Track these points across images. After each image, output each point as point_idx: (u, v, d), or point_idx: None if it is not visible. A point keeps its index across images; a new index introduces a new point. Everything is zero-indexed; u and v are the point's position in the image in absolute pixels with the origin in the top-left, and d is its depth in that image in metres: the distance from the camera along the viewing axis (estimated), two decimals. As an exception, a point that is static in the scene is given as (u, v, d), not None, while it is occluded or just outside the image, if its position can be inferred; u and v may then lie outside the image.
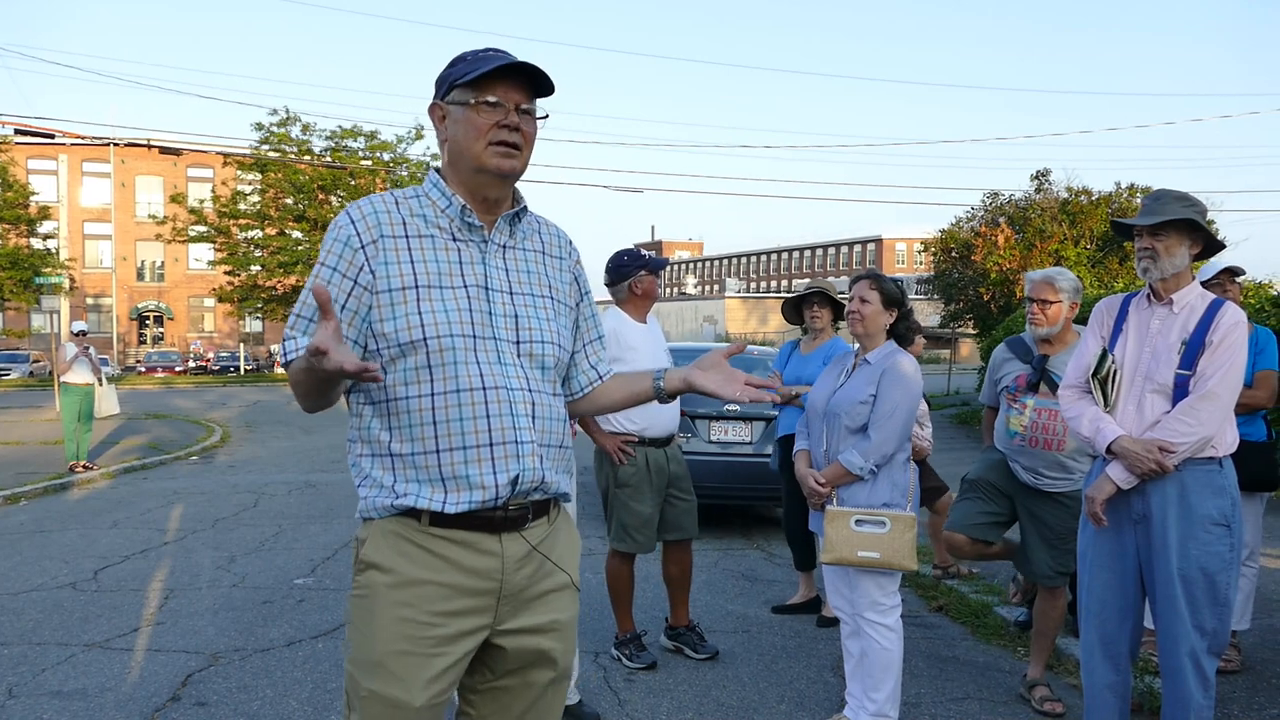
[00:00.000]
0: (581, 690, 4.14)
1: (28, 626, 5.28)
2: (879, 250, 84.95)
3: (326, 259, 1.98)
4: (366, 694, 1.94)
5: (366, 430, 2.01)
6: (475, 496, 1.95)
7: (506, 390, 1.99)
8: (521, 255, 2.13)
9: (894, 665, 3.72)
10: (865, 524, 3.65)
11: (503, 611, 2.02)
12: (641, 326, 4.59)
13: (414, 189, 2.10)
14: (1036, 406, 4.00)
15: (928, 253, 24.80)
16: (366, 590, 1.98)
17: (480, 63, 1.99)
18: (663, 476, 4.60)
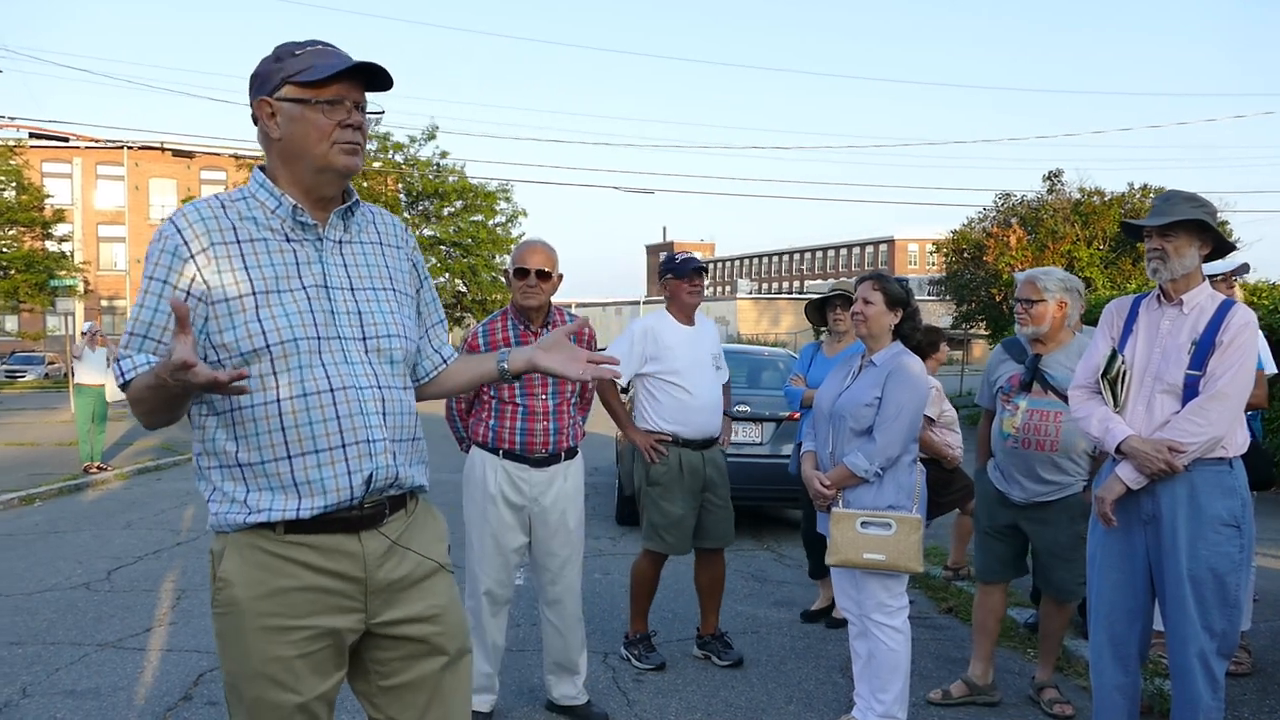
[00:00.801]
0: (590, 690, 4.15)
1: (42, 626, 5.32)
2: (891, 251, 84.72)
3: (155, 272, 1.92)
4: (252, 700, 1.96)
5: (212, 442, 1.97)
6: (330, 499, 1.95)
7: (355, 390, 1.98)
8: (359, 249, 2.10)
9: (901, 666, 3.72)
10: (871, 526, 3.65)
11: (374, 606, 2.03)
12: (684, 328, 4.57)
13: (239, 191, 2.05)
14: (1029, 407, 3.99)
15: (939, 253, 24.75)
16: (230, 607, 1.95)
17: (316, 59, 1.95)
18: (696, 479, 4.56)
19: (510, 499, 3.88)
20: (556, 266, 3.90)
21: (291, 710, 1.96)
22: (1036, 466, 3.98)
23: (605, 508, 8.92)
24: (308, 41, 2.00)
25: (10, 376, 38.59)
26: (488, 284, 43.26)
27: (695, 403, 4.52)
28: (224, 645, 1.98)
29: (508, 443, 3.87)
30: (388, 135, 41.87)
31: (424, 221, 44.13)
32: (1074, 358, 3.98)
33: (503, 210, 43.82)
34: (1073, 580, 4.04)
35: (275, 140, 1.99)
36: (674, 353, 4.50)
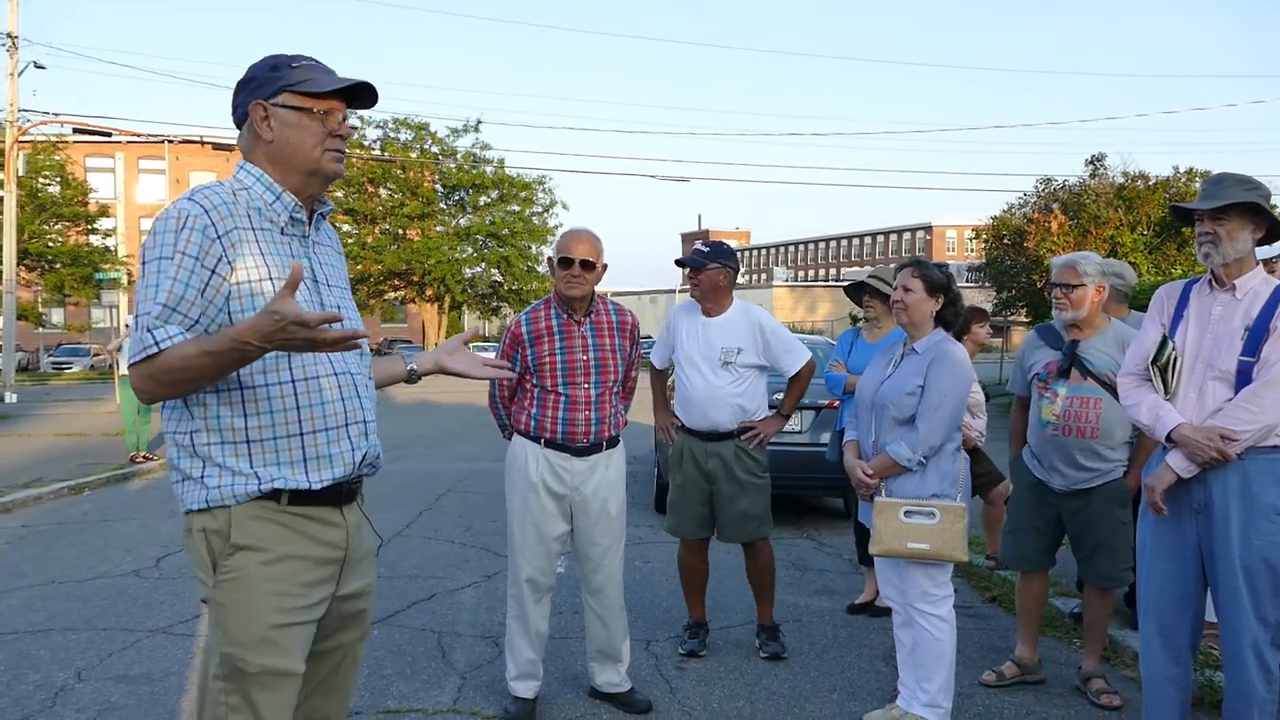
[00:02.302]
0: (633, 678, 4.17)
1: (93, 613, 5.43)
2: (929, 238, 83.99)
3: (186, 248, 1.98)
4: (259, 670, 2.04)
5: (215, 420, 2.05)
6: (336, 473, 2.13)
7: (350, 375, 2.18)
8: (324, 250, 2.28)
9: (946, 656, 3.69)
10: (914, 515, 3.62)
11: (342, 578, 2.21)
12: (702, 320, 4.56)
13: (235, 182, 2.15)
14: (1069, 394, 3.95)
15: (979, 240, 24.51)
16: (238, 572, 2.05)
17: (315, 72, 2.13)
18: (697, 469, 4.57)
19: (552, 488, 3.90)
20: (601, 256, 3.89)
21: (294, 680, 2.09)
22: (1076, 454, 3.94)
23: (644, 496, 8.94)
24: (296, 56, 2.16)
25: (57, 368, 39.34)
26: (523, 274, 43.43)
27: (690, 395, 4.55)
28: (229, 616, 2.05)
29: (549, 431, 3.88)
30: (424, 125, 42.16)
31: (460, 212, 44.38)
32: (1112, 343, 3.94)
33: (540, 201, 43.94)
34: (1116, 567, 4.01)
35: (266, 142, 2.13)
36: (681, 344, 4.60)
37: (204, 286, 1.99)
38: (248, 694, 2.05)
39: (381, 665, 4.54)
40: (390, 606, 5.50)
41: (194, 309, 1.98)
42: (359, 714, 3.97)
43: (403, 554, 6.87)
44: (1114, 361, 3.89)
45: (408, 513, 8.50)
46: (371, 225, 42.40)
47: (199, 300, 1.98)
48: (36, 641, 4.92)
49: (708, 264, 4.50)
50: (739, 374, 4.50)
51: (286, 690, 2.08)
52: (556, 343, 3.89)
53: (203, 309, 1.99)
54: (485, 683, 4.32)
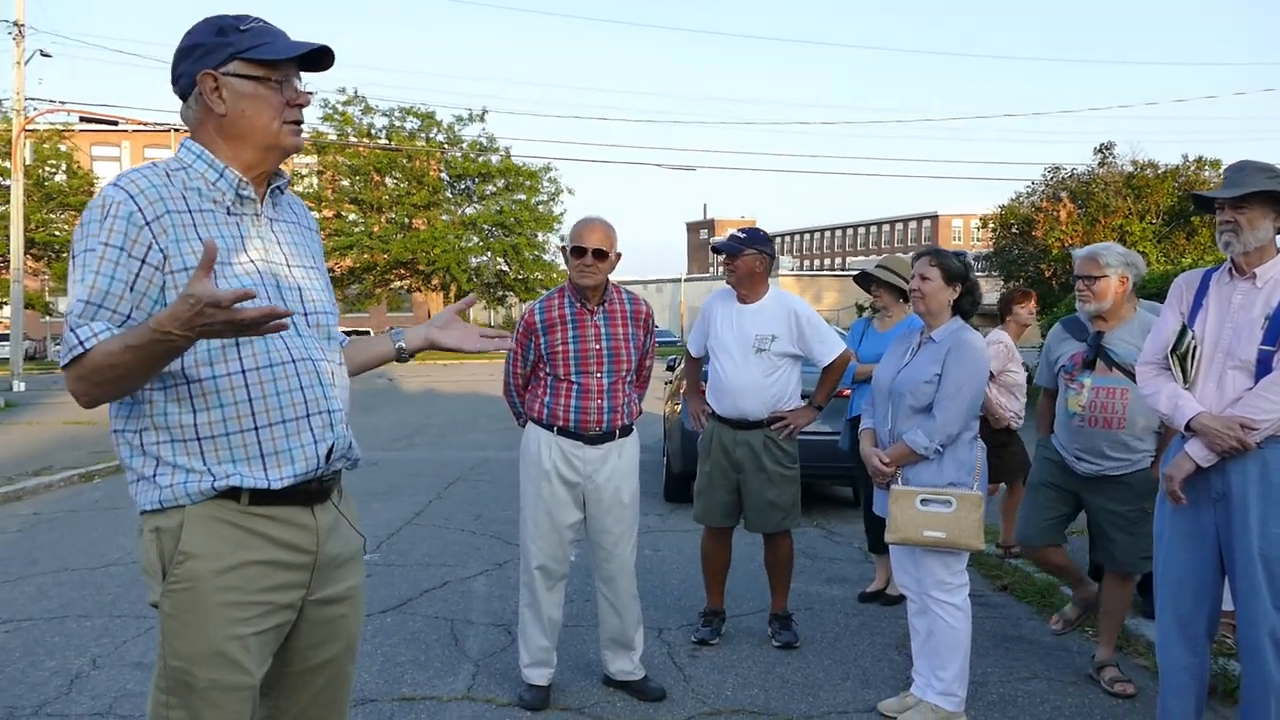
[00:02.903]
0: (646, 666, 4.17)
1: (107, 600, 5.45)
2: (935, 227, 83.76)
3: (110, 238, 1.83)
4: (207, 684, 1.89)
5: (162, 416, 1.89)
6: (298, 469, 1.96)
7: (311, 361, 2.00)
8: (286, 228, 2.11)
9: (961, 644, 3.70)
10: (931, 503, 3.62)
11: (315, 582, 2.04)
12: (737, 306, 4.56)
13: (174, 161, 1.98)
14: (1095, 385, 3.95)
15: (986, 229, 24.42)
16: (189, 582, 1.89)
17: (268, 36, 1.96)
18: (726, 457, 4.57)
19: (565, 475, 3.90)
20: (614, 245, 3.89)
21: (246, 693, 1.93)
22: (1103, 445, 3.94)
23: (654, 485, 8.94)
24: (243, 17, 1.99)
25: (65, 356, 39.26)
26: (530, 262, 43.41)
27: (722, 382, 4.55)
28: (177, 626, 1.90)
29: (562, 420, 3.89)
30: (431, 115, 42.10)
31: (465, 201, 44.34)
32: (1137, 334, 3.92)
33: (545, 189, 43.89)
34: (1135, 554, 4.01)
35: (218, 115, 1.96)
36: (716, 330, 4.60)
37: (132, 279, 1.83)
38: (193, 709, 1.90)
39: (395, 653, 4.56)
40: (403, 594, 5.52)
41: (123, 303, 1.83)
42: (374, 701, 3.99)
43: (414, 542, 6.89)
44: (1138, 351, 3.89)
45: (418, 501, 8.52)
46: (378, 214, 42.38)
47: (127, 294, 1.83)
48: (51, 628, 4.94)
49: (744, 250, 4.50)
50: (772, 362, 4.48)
51: (236, 705, 1.92)
52: (570, 331, 3.89)
53: (134, 303, 1.84)
54: (499, 670, 4.33)
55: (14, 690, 4.11)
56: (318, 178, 42.01)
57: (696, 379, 4.97)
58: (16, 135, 24.47)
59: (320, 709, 2.16)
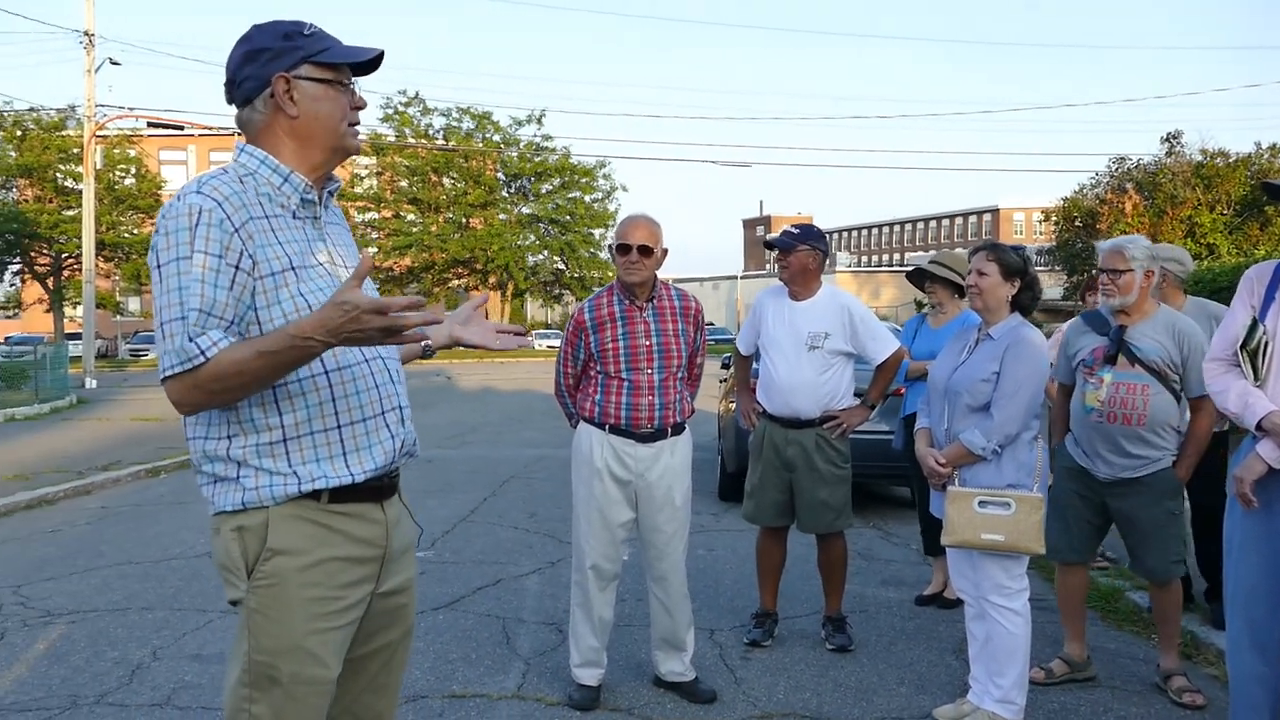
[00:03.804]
0: (697, 667, 4.13)
1: (169, 593, 5.55)
2: (995, 221, 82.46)
3: (207, 246, 1.83)
4: (290, 678, 1.94)
5: (249, 422, 1.92)
6: (378, 463, 2.02)
7: (380, 360, 2.06)
8: (335, 230, 2.15)
9: (1020, 650, 3.60)
10: (989, 505, 3.53)
11: (382, 575, 2.10)
12: (790, 303, 4.50)
13: (239, 167, 1.99)
14: (1115, 380, 3.83)
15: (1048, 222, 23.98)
16: (275, 579, 1.93)
17: (331, 41, 2.01)
18: (778, 456, 4.51)
19: (616, 474, 3.88)
20: (659, 242, 3.86)
21: (326, 688, 1.98)
22: (1121, 441, 3.83)
23: (708, 484, 8.88)
24: (300, 22, 2.02)
25: (134, 354, 40.51)
26: (586, 260, 43.55)
27: (773, 380, 4.49)
28: (262, 622, 1.94)
29: (613, 418, 3.87)
30: (488, 115, 42.46)
31: (522, 200, 44.63)
32: (1161, 329, 3.84)
33: (600, 187, 44.03)
34: (1165, 560, 3.90)
35: (290, 118, 1.98)
36: (767, 328, 4.54)
37: (231, 285, 1.85)
38: (275, 703, 1.94)
39: (447, 650, 4.57)
40: (455, 591, 5.54)
41: (228, 310, 1.85)
42: (425, 698, 4.00)
43: (468, 540, 6.92)
44: (1163, 348, 3.82)
45: (473, 498, 8.57)
46: (436, 214, 42.82)
47: (230, 300, 1.85)
48: (115, 620, 5.05)
49: (797, 246, 4.44)
50: (824, 360, 4.42)
51: (316, 699, 1.97)
52: (619, 329, 3.88)
53: (235, 310, 1.86)
54: (549, 669, 4.32)
55: (77, 680, 4.20)
56: (377, 178, 42.56)
57: (747, 377, 4.92)
58: (88, 141, 25.15)
59: (372, 695, 2.20)
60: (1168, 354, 3.82)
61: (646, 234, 3.83)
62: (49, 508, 8.45)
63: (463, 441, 12.94)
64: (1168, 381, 3.81)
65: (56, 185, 36.86)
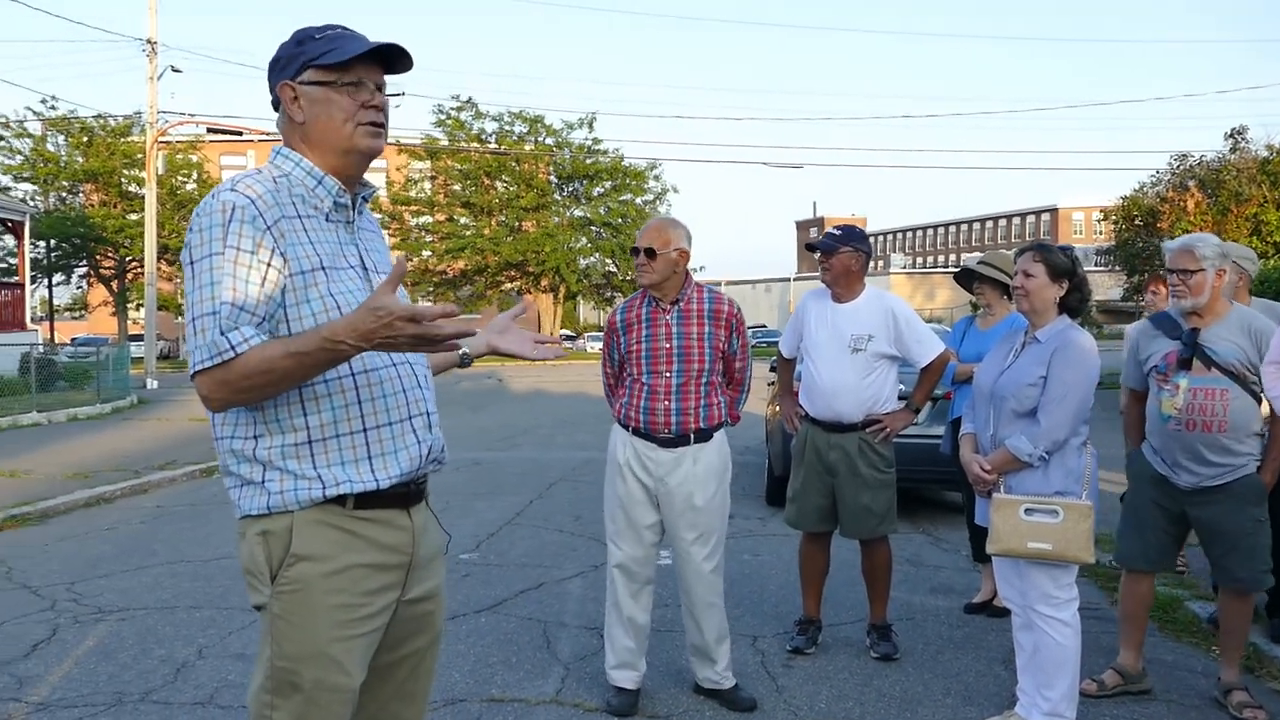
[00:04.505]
0: (738, 674, 4.07)
1: (217, 592, 5.61)
2: (1054, 220, 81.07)
3: (240, 243, 1.85)
4: (312, 684, 1.93)
5: (275, 423, 1.92)
6: (403, 468, 1.99)
7: (408, 365, 2.04)
8: (368, 235, 2.14)
9: (1069, 662, 3.49)
10: (1036, 513, 3.42)
11: (408, 583, 2.08)
12: (832, 306, 4.44)
13: (274, 169, 2.01)
14: (1191, 386, 3.68)
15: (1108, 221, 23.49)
16: (298, 584, 1.92)
17: (338, 41, 1.97)
18: (820, 460, 4.44)
19: (639, 476, 3.88)
20: (671, 244, 3.83)
21: (348, 696, 1.97)
22: (1202, 449, 3.68)
23: (755, 487, 8.81)
24: (326, 25, 2.02)
25: (195, 356, 41.16)
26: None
27: (816, 383, 4.43)
28: (285, 628, 1.93)
29: (634, 421, 3.88)
30: (540, 119, 42.69)
31: (574, 203, 44.81)
32: (1236, 330, 3.69)
33: (651, 189, 44.07)
34: (1254, 569, 3.75)
35: (299, 124, 2.00)
36: (810, 331, 4.49)
37: (263, 281, 1.86)
38: (297, 710, 1.93)
39: (487, 653, 4.56)
40: (498, 594, 5.54)
41: (260, 307, 1.85)
42: (463, 701, 3.99)
43: (512, 542, 6.92)
44: (1239, 349, 3.65)
45: (519, 501, 8.58)
46: (488, 217, 43.17)
47: (262, 297, 1.86)
48: (163, 618, 5.12)
49: (839, 247, 4.38)
50: (868, 363, 4.34)
51: (339, 707, 1.96)
52: (643, 331, 3.90)
53: (266, 306, 1.87)
54: (589, 674, 4.29)
55: (124, 676, 4.26)
56: (430, 182, 43.02)
57: (789, 380, 4.86)
58: (150, 147, 25.72)
59: (400, 703, 2.18)
60: (1245, 355, 3.66)
61: (651, 236, 3.84)
62: (107, 506, 8.63)
63: (512, 444, 13.00)
64: (1247, 384, 3.66)
65: (121, 190, 37.78)
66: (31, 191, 38.01)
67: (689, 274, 3.95)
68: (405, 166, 43.39)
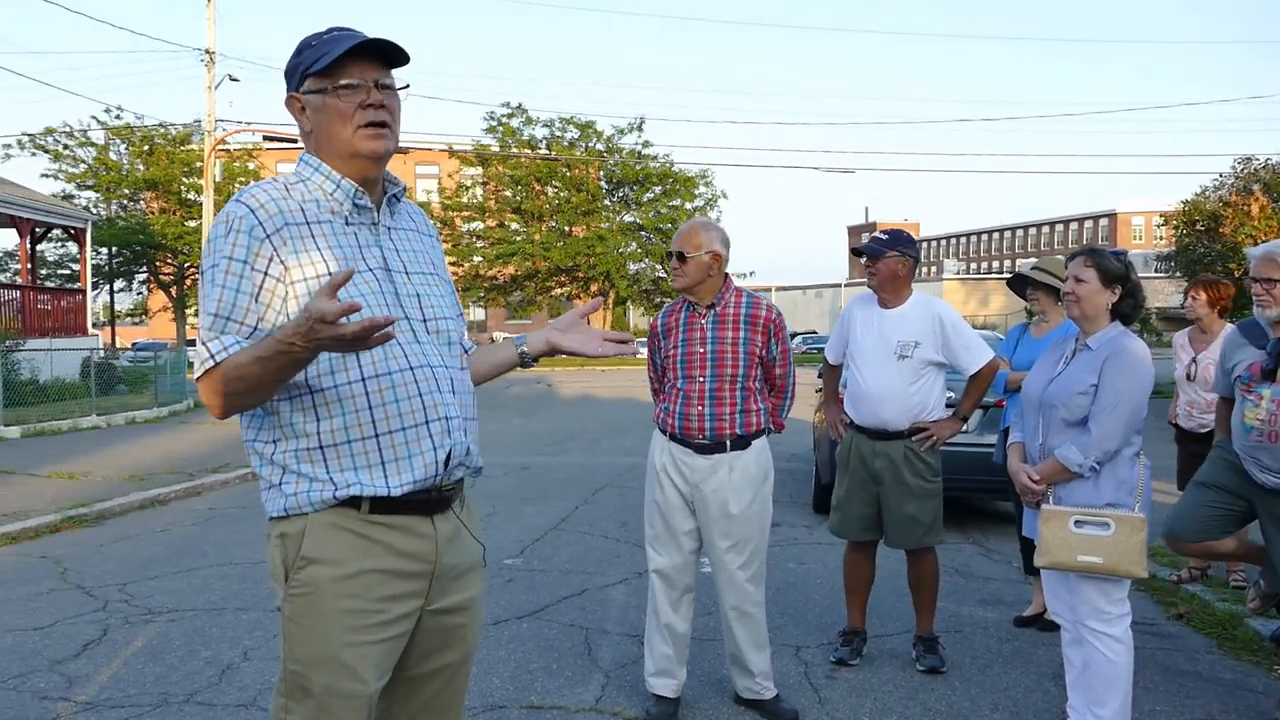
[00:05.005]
0: (780, 685, 4.02)
1: (264, 594, 5.67)
2: (1113, 225, 79.56)
3: (233, 252, 1.87)
4: (323, 690, 1.91)
5: (289, 427, 1.93)
6: (417, 475, 1.95)
7: (429, 368, 1.99)
8: (403, 235, 2.11)
9: (1121, 679, 3.38)
10: (1086, 525, 3.32)
11: (432, 592, 2.04)
12: (879, 311, 4.38)
13: (294, 174, 2.02)
14: (1274, 397, 3.55)
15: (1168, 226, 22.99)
16: (309, 587, 1.92)
17: (328, 45, 1.94)
18: (864, 468, 4.38)
19: (675, 481, 3.85)
20: (702, 247, 3.79)
21: (361, 702, 1.94)
22: None
23: (802, 495, 8.70)
24: (327, 29, 2.00)
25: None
26: (688, 268, 43.45)
27: (860, 390, 4.37)
28: (296, 631, 1.93)
29: (670, 426, 3.87)
30: (590, 125, 42.83)
31: (624, 208, 44.86)
32: None
33: (701, 194, 43.99)
34: None
35: (309, 134, 2.02)
36: (855, 337, 4.43)
37: (256, 290, 1.88)
38: (309, 715, 1.93)
39: (528, 660, 4.55)
40: (540, 600, 5.53)
41: (249, 315, 1.88)
42: (503, 708, 3.98)
43: (556, 548, 6.92)
44: None
45: (565, 506, 8.58)
46: (539, 223, 43.39)
47: (253, 306, 1.88)
48: (210, 620, 5.19)
49: (886, 252, 4.32)
50: (914, 370, 4.27)
51: (351, 714, 1.93)
52: (680, 335, 3.89)
53: (259, 314, 1.88)
54: (629, 683, 4.26)
55: (170, 678, 4.31)
56: (481, 188, 43.34)
57: (834, 387, 4.80)
58: (208, 155, 26.21)
59: (432, 715, 2.16)
60: None
61: (683, 240, 3.83)
62: (161, 508, 8.79)
63: (561, 449, 13.02)
64: None
65: (180, 198, 38.51)
66: (94, 199, 38.92)
67: (728, 277, 3.91)
68: (457, 172, 43.77)
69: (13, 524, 7.53)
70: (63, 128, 36.70)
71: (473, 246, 42.92)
